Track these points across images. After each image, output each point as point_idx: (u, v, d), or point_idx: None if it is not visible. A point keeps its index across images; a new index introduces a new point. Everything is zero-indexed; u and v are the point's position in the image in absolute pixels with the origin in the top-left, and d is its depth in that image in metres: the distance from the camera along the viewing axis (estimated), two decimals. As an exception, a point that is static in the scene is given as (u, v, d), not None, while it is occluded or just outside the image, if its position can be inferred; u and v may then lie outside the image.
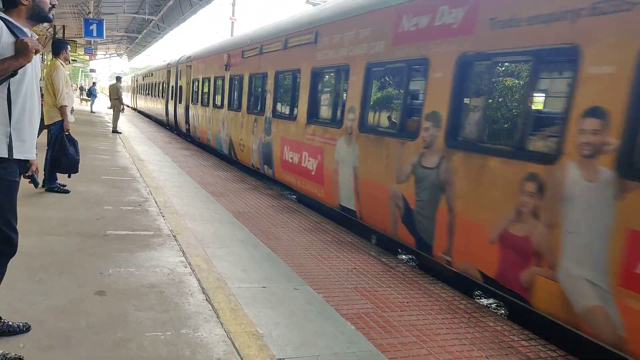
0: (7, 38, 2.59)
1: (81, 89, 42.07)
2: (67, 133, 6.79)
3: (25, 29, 2.75)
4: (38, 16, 2.84)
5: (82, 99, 24.21)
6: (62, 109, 6.80)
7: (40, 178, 6.88)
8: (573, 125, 3.67)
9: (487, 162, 4.40)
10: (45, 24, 24.05)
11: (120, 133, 16.66)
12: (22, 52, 2.58)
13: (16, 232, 2.81)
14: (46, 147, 6.94)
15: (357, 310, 3.93)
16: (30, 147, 2.81)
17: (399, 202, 5.57)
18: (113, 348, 2.96)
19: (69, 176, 6.93)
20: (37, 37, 2.97)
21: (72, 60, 7.68)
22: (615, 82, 3.40)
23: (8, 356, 2.68)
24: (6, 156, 2.66)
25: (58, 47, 7.20)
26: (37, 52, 2.65)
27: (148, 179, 8.70)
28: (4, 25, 2.60)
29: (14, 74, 2.63)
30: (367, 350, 3.29)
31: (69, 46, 7.51)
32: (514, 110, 4.59)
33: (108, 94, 18.76)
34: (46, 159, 6.93)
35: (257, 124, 10.16)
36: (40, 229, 5.11)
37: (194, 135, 16.28)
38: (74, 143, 6.84)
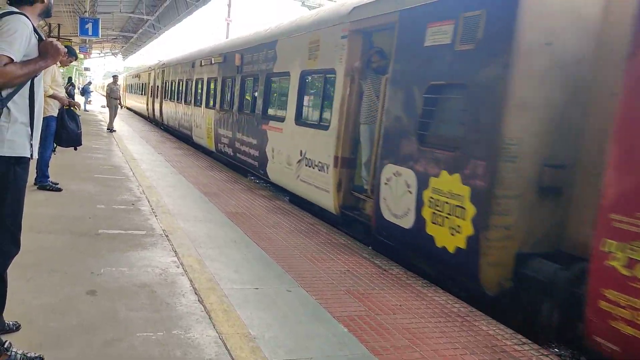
0: (34, 39, 2.57)
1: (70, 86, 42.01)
2: (67, 108, 6.72)
3: None
4: (48, 13, 2.84)
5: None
6: (54, 96, 6.68)
7: (32, 176, 6.88)
8: None
9: None
10: (41, 22, 24.01)
11: (115, 131, 16.61)
12: (53, 54, 2.58)
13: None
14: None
15: (350, 312, 3.91)
16: (37, 145, 2.84)
17: None
18: (104, 347, 2.93)
19: (75, 149, 6.90)
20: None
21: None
22: None
23: (29, 355, 2.64)
24: (28, 156, 2.66)
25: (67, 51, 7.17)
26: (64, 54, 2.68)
27: (141, 178, 8.65)
28: (31, 24, 2.56)
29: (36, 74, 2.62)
30: (360, 353, 3.28)
31: (74, 57, 7.47)
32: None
33: (105, 93, 22.24)
34: (37, 156, 6.87)
35: (142, 97, 26.99)
36: (31, 227, 5.05)
37: (129, 108, 33.91)
38: (74, 118, 6.77)
